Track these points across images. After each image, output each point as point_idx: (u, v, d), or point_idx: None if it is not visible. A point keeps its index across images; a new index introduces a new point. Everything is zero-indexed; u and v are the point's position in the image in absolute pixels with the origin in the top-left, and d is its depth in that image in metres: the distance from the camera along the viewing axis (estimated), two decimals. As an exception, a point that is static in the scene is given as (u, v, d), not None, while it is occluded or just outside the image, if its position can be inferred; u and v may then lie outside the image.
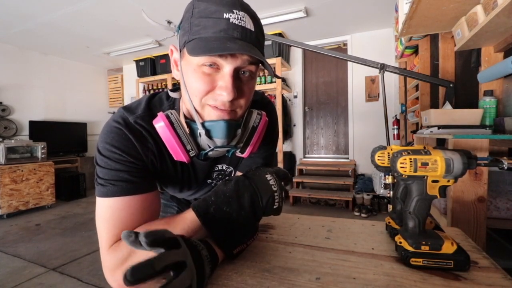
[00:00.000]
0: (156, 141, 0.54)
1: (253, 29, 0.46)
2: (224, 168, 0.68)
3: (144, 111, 0.55)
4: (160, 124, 0.50)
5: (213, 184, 0.70)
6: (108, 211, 0.49)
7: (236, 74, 0.47)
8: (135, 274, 0.28)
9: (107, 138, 0.52)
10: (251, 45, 0.46)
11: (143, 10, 0.67)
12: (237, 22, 0.44)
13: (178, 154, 0.51)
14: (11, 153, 3.35)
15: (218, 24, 0.44)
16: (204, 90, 0.47)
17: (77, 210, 3.52)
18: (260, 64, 0.49)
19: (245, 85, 0.49)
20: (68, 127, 4.60)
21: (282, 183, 0.53)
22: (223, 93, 0.46)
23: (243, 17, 0.45)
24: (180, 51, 0.50)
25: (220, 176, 0.69)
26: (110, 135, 0.52)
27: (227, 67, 0.46)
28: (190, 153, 0.51)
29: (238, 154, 0.56)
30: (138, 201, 0.51)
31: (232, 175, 0.70)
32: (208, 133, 0.50)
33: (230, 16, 0.44)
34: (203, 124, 0.50)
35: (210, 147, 0.52)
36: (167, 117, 0.50)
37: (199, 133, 0.50)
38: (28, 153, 3.55)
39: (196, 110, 0.49)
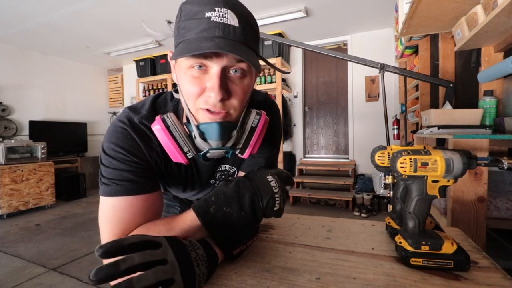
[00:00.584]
0: (160, 142, 0.55)
1: (237, 25, 0.45)
2: (227, 168, 0.68)
3: (148, 112, 0.56)
4: (156, 127, 0.50)
5: (216, 185, 0.70)
6: (111, 211, 0.50)
7: (225, 74, 0.46)
8: (98, 274, 0.29)
9: (112, 137, 0.52)
10: (234, 42, 0.44)
11: (143, 21, 0.67)
12: (218, 20, 0.43)
13: (175, 156, 0.51)
14: (11, 153, 3.35)
15: (200, 24, 0.44)
16: (194, 93, 0.47)
17: (77, 210, 3.52)
18: (262, 61, 0.49)
19: (237, 84, 0.48)
20: (68, 127, 4.59)
21: (285, 185, 0.53)
22: (211, 94, 0.45)
23: (225, 13, 0.44)
24: None
25: (223, 177, 0.69)
26: (115, 135, 0.52)
27: (213, 67, 0.45)
28: (187, 155, 0.51)
29: (238, 155, 0.56)
30: (140, 201, 0.51)
31: (236, 176, 0.70)
32: (202, 135, 0.50)
33: (212, 14, 0.43)
34: (197, 127, 0.50)
35: (206, 149, 0.52)
36: (163, 120, 0.50)
37: (194, 135, 0.51)
38: (28, 153, 3.55)
39: (191, 113, 0.50)
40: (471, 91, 1.62)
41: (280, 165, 3.54)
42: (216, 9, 0.44)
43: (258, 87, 3.63)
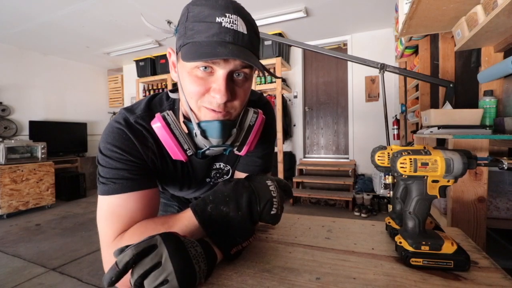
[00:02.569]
0: (156, 141, 0.55)
1: (245, 32, 0.46)
2: (221, 166, 0.69)
3: (144, 111, 0.57)
4: (157, 125, 0.51)
5: (211, 183, 0.72)
6: (109, 209, 0.51)
7: (230, 77, 0.48)
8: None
9: (108, 138, 0.53)
10: (243, 48, 0.46)
11: (142, 15, 0.67)
12: (229, 26, 0.45)
13: (175, 153, 0.52)
14: (11, 153, 3.35)
15: (210, 28, 0.44)
16: (198, 92, 0.47)
17: (77, 210, 3.52)
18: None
19: (240, 87, 0.50)
20: (68, 127, 4.60)
21: (283, 193, 0.54)
22: (217, 96, 0.46)
23: (235, 20, 0.45)
24: (177, 54, 0.51)
25: (218, 175, 0.70)
26: (111, 135, 0.53)
27: (220, 70, 0.46)
28: (187, 152, 0.52)
29: (236, 152, 0.56)
30: (138, 197, 0.52)
31: (230, 173, 0.71)
32: (204, 133, 0.51)
33: (223, 20, 0.44)
34: (198, 124, 0.50)
35: (206, 146, 0.53)
36: (164, 118, 0.51)
37: (195, 133, 0.51)
38: (28, 153, 3.55)
39: (192, 111, 0.50)
40: (471, 91, 1.62)
41: (280, 165, 3.54)
42: (227, 15, 0.45)
43: (258, 87, 3.63)
